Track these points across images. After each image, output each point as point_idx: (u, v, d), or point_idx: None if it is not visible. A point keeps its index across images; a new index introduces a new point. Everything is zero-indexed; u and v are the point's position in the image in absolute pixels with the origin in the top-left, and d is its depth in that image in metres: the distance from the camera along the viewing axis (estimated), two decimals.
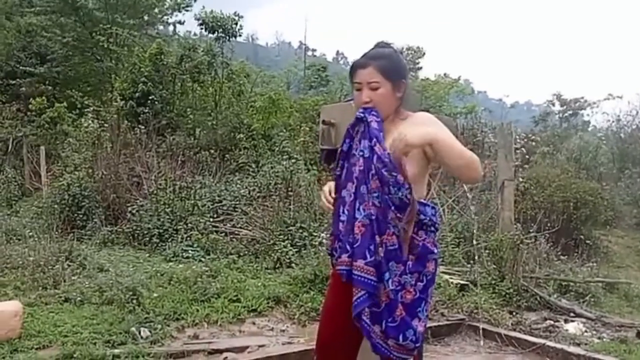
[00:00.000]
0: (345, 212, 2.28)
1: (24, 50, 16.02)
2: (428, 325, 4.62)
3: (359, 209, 2.23)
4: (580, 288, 5.92)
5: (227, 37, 13.45)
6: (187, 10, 18.57)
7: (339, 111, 3.17)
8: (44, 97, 13.99)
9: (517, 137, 10.72)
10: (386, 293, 2.19)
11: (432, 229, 2.27)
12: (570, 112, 19.55)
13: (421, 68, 26.83)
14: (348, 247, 2.24)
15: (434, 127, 2.22)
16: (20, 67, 15.47)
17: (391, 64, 2.30)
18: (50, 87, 15.25)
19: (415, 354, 2.33)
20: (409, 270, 2.19)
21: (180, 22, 19.19)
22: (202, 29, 13.72)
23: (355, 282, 2.21)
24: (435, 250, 2.27)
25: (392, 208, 2.17)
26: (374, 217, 2.20)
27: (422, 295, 2.24)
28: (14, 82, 15.36)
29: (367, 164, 2.23)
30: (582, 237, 8.45)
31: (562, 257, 6.93)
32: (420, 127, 2.19)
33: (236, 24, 13.37)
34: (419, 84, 19.85)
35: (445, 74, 25.94)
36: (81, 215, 7.88)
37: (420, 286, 2.23)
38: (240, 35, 14.28)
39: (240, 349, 4.11)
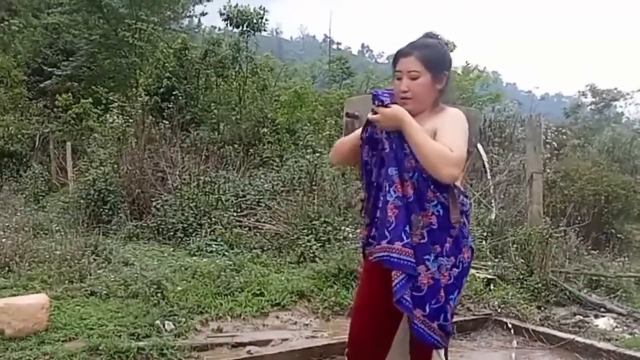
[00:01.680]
0: (380, 197, 2.26)
1: (50, 47, 16.27)
2: (454, 320, 4.60)
3: (389, 192, 2.20)
4: (611, 283, 5.75)
5: (252, 32, 13.44)
6: (208, 1, 18.65)
7: (362, 103, 3.13)
8: (69, 94, 14.20)
9: (547, 129, 10.54)
10: (430, 274, 2.18)
11: (466, 216, 2.26)
12: (603, 103, 19.10)
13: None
14: (386, 232, 2.20)
15: (447, 125, 2.21)
16: (47, 64, 15.70)
17: (434, 55, 2.28)
18: (76, 84, 15.46)
19: (448, 342, 2.32)
20: (446, 253, 2.20)
21: (202, 14, 19.27)
22: (227, 24, 13.74)
23: (395, 266, 2.19)
24: (469, 238, 2.27)
25: (431, 186, 2.17)
26: (410, 198, 2.18)
27: (457, 282, 2.23)
28: (40, 78, 15.60)
29: (396, 145, 2.21)
30: (613, 231, 8.23)
31: (592, 252, 6.77)
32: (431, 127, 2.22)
33: (261, 18, 13.35)
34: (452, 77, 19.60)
35: (467, 62, 25.52)
36: (107, 210, 7.97)
37: (455, 272, 2.22)
38: (265, 30, 14.26)
39: (264, 343, 4.10)
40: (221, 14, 13.29)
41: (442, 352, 2.36)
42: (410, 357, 2.44)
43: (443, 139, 2.15)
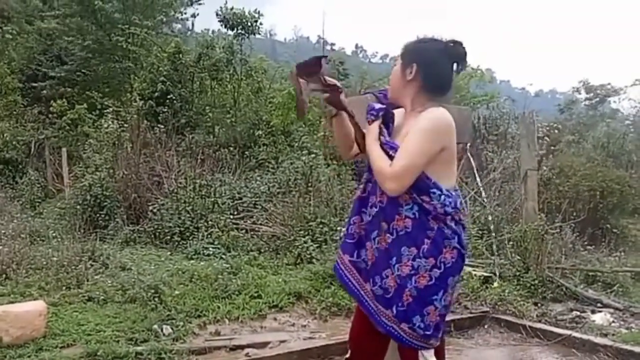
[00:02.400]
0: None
1: (44, 53, 16.25)
2: (451, 318, 4.63)
3: (373, 205, 2.33)
4: (607, 278, 5.77)
5: (247, 35, 13.44)
6: (199, 4, 18.65)
7: (355, 105, 3.12)
8: (64, 99, 14.19)
9: (540, 126, 10.55)
10: (394, 278, 2.22)
11: (450, 217, 2.24)
12: (597, 99, 19.11)
13: None
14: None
15: (410, 133, 2.21)
16: (41, 70, 15.68)
17: (410, 45, 2.35)
18: (70, 89, 15.45)
19: (433, 343, 2.29)
20: (424, 255, 2.20)
21: (194, 15, 19.29)
22: (222, 25, 13.72)
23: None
24: (455, 239, 2.24)
25: (409, 189, 2.21)
26: (383, 204, 2.27)
27: (439, 283, 2.22)
28: (35, 85, 15.58)
29: None
30: (609, 226, 8.24)
31: (588, 247, 6.77)
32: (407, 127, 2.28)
33: (256, 21, 13.35)
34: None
35: None
36: (103, 215, 7.96)
37: (436, 273, 2.21)
38: (259, 33, 14.26)
39: (262, 345, 4.12)
40: (217, 15, 13.28)
41: (427, 353, 2.35)
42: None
43: (404, 146, 2.20)
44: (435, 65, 2.31)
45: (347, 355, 2.51)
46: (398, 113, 2.42)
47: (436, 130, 2.20)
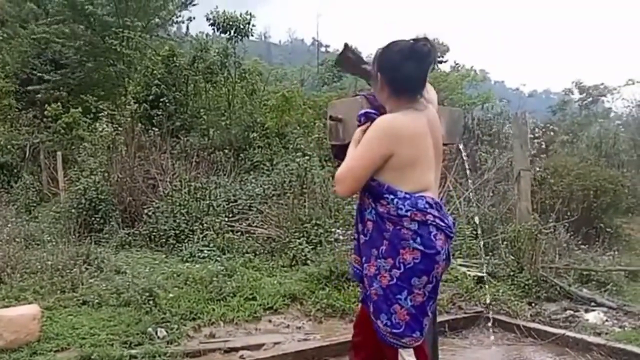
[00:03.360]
0: None
1: (38, 57, 16.21)
2: (445, 319, 4.65)
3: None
4: (601, 277, 5.79)
5: (240, 37, 13.46)
6: (193, 6, 18.65)
7: (346, 107, 3.13)
8: (59, 103, 14.14)
9: (534, 126, 10.59)
10: (366, 277, 2.37)
11: (408, 219, 2.27)
12: (590, 99, 19.20)
13: (446, 61, 26.33)
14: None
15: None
16: (36, 74, 15.65)
17: (376, 55, 2.41)
18: (65, 93, 15.41)
19: (407, 342, 2.35)
20: (382, 255, 2.30)
21: (189, 19, 19.28)
22: (214, 29, 13.74)
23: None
24: (416, 240, 2.26)
25: (366, 194, 2.37)
26: (359, 209, 2.47)
27: (401, 283, 2.27)
28: (29, 89, 15.55)
29: None
30: (602, 225, 8.27)
31: (582, 247, 6.79)
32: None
33: (248, 23, 13.37)
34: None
35: (456, 62, 25.51)
36: (98, 219, 7.95)
37: (396, 273, 2.28)
38: (252, 35, 14.27)
39: (256, 347, 4.13)
40: (208, 19, 13.29)
41: (406, 353, 2.42)
42: None
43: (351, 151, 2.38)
44: (395, 69, 2.33)
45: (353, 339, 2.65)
46: None
47: (378, 137, 2.26)
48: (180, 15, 19.25)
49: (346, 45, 2.72)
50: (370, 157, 2.26)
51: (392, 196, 2.28)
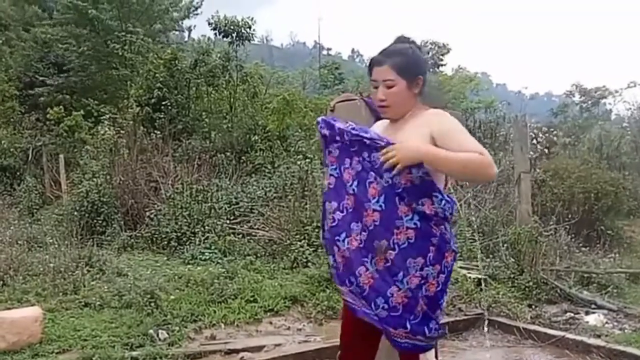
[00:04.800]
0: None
1: (41, 61, 16.29)
2: (446, 321, 4.67)
3: (357, 222, 2.24)
4: (602, 279, 5.80)
5: (241, 41, 13.51)
6: (196, 14, 18.71)
7: (344, 109, 3.16)
8: (61, 107, 14.20)
9: (536, 129, 10.61)
10: (403, 294, 2.16)
11: (447, 221, 2.23)
12: (591, 102, 19.22)
13: (445, 64, 26.44)
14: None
15: (454, 131, 2.19)
16: (38, 78, 15.72)
17: (407, 61, 2.29)
18: (67, 96, 15.48)
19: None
20: (431, 262, 2.16)
21: (190, 28, 19.37)
22: (215, 34, 13.80)
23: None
24: (452, 241, 2.24)
25: (405, 200, 2.15)
26: (377, 224, 2.17)
27: (444, 287, 2.24)
28: (32, 92, 15.61)
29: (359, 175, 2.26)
30: (603, 227, 8.27)
31: (583, 249, 6.81)
32: (420, 131, 2.21)
33: (250, 27, 13.42)
34: (437, 80, 19.64)
35: (460, 67, 25.60)
36: (100, 222, 7.98)
37: (442, 278, 2.21)
38: (253, 39, 14.32)
39: (257, 349, 4.15)
40: (209, 24, 13.36)
41: (429, 354, 2.39)
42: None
43: (465, 145, 2.14)
44: (426, 70, 2.39)
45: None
46: (378, 123, 2.47)
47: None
48: (182, 24, 19.33)
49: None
50: None
51: (440, 195, 2.16)
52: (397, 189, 2.16)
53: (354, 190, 2.24)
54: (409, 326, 2.18)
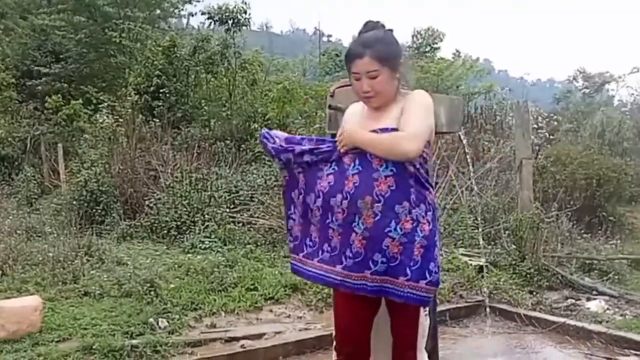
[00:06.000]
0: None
1: (38, 49, 16.15)
2: (447, 307, 4.66)
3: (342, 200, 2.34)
4: (604, 266, 5.80)
5: (238, 28, 13.41)
6: (197, 1, 18.55)
7: (345, 95, 3.12)
8: (59, 95, 14.09)
9: (538, 115, 10.55)
10: (397, 242, 2.20)
11: (423, 159, 2.31)
12: (594, 87, 19.13)
13: (439, 49, 26.35)
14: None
15: (407, 111, 2.27)
16: (36, 66, 15.61)
17: (387, 49, 2.30)
18: (65, 85, 15.35)
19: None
20: (414, 203, 2.22)
21: (191, 14, 19.17)
22: (211, 22, 13.72)
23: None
24: (429, 177, 2.32)
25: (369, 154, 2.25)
26: (356, 184, 2.25)
27: (434, 224, 2.28)
28: (30, 81, 15.52)
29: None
30: (605, 214, 8.26)
31: (585, 235, 6.80)
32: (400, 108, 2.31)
33: (245, 12, 13.32)
34: (427, 64, 19.49)
35: (457, 51, 25.47)
36: (99, 211, 7.94)
37: (430, 215, 2.26)
38: (249, 25, 14.23)
39: (257, 336, 4.14)
40: (203, 14, 13.31)
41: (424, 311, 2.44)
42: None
43: (407, 122, 2.24)
44: (403, 54, 2.44)
45: (335, 345, 2.50)
46: (352, 109, 2.52)
47: (426, 106, 2.31)
48: (182, 9, 19.14)
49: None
50: (430, 124, 2.29)
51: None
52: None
53: (334, 170, 2.31)
54: (409, 272, 2.21)
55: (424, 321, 2.49)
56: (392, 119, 2.28)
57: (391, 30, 2.39)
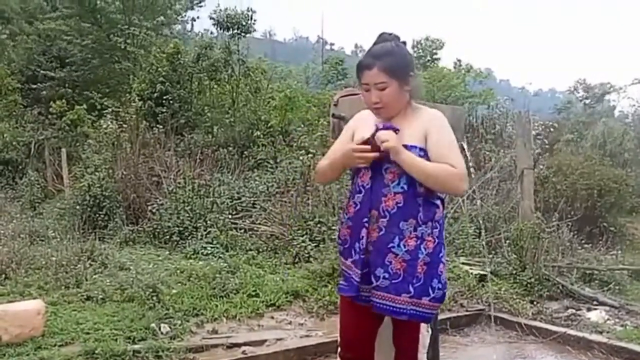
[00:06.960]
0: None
1: (44, 54, 16.27)
2: (447, 316, 4.67)
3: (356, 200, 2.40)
4: (604, 276, 5.81)
5: (243, 34, 13.50)
6: (200, 7, 18.68)
7: (348, 104, 3.16)
8: (64, 100, 14.19)
9: (539, 126, 10.57)
10: (400, 259, 2.21)
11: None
12: (595, 98, 19.16)
13: (439, 59, 26.44)
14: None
15: (441, 135, 2.28)
16: (41, 71, 15.71)
17: (396, 61, 2.30)
18: (70, 90, 15.48)
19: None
20: (422, 221, 2.23)
21: (194, 19, 19.33)
22: (217, 28, 13.80)
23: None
24: (437, 197, 2.32)
25: (389, 167, 2.25)
26: (368, 191, 2.28)
27: (440, 240, 2.28)
28: (35, 86, 15.61)
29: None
30: (606, 224, 8.28)
31: (586, 245, 6.81)
32: (415, 129, 2.29)
33: (250, 18, 13.42)
34: (426, 74, 19.54)
35: (458, 60, 25.51)
36: (102, 216, 7.98)
37: (436, 232, 2.27)
38: (254, 31, 14.35)
39: (259, 343, 4.14)
40: (211, 18, 13.38)
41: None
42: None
43: (448, 156, 2.24)
44: (415, 67, 2.43)
45: (340, 352, 2.53)
46: (363, 115, 2.47)
47: (451, 131, 2.35)
48: (185, 15, 19.29)
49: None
50: None
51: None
52: (383, 164, 2.25)
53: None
54: (412, 290, 2.21)
55: (425, 332, 2.51)
56: (415, 138, 2.27)
57: (404, 43, 2.40)
